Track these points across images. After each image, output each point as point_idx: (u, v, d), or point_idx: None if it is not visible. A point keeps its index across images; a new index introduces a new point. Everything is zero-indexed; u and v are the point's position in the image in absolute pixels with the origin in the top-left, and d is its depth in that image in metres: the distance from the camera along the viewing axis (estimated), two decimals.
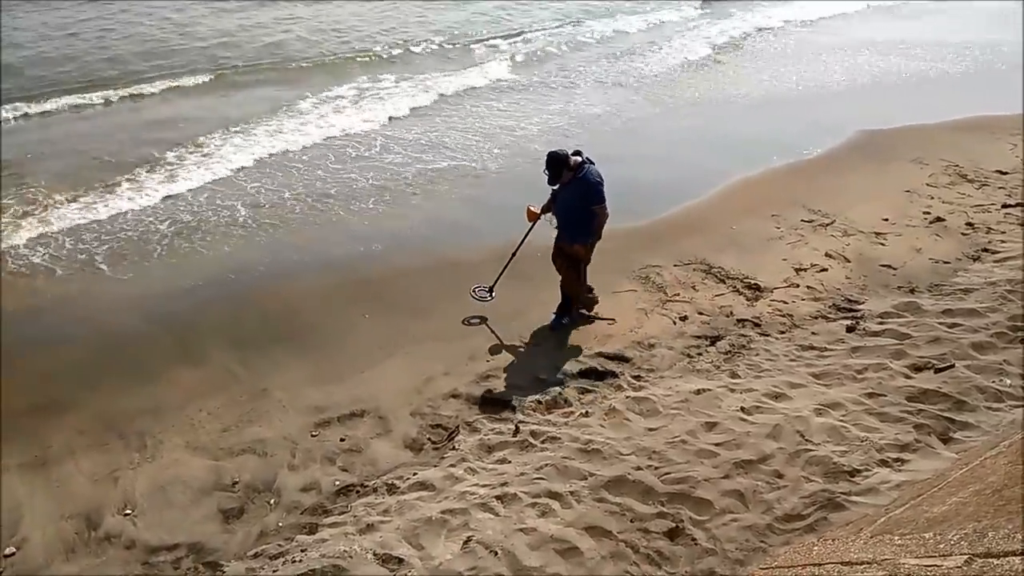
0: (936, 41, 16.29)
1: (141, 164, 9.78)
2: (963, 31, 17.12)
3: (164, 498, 4.83)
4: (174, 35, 15.98)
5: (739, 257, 7.57)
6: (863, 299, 6.69)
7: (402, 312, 6.78)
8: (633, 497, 4.32)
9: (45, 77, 12.93)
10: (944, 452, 4.40)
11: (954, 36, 16.65)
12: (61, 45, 14.76)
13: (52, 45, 14.72)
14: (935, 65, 14.67)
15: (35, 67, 13.46)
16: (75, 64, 13.76)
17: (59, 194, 8.83)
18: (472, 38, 16.94)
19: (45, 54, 14.23)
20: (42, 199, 8.70)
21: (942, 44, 16.00)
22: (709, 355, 6.04)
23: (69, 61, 13.92)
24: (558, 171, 6.15)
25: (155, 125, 11.29)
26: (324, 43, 16.00)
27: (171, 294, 7.00)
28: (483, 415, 5.49)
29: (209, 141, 10.56)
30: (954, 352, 5.43)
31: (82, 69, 13.52)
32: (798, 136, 10.74)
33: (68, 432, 5.36)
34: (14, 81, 12.68)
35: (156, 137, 10.72)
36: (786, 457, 4.50)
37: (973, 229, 7.84)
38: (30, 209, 8.46)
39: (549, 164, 6.15)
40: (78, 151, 10.22)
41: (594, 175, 6.13)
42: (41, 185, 9.04)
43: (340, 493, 4.81)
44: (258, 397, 5.75)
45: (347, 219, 8.48)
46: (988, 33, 16.64)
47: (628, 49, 16.38)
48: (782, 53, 16.09)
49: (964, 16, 18.80)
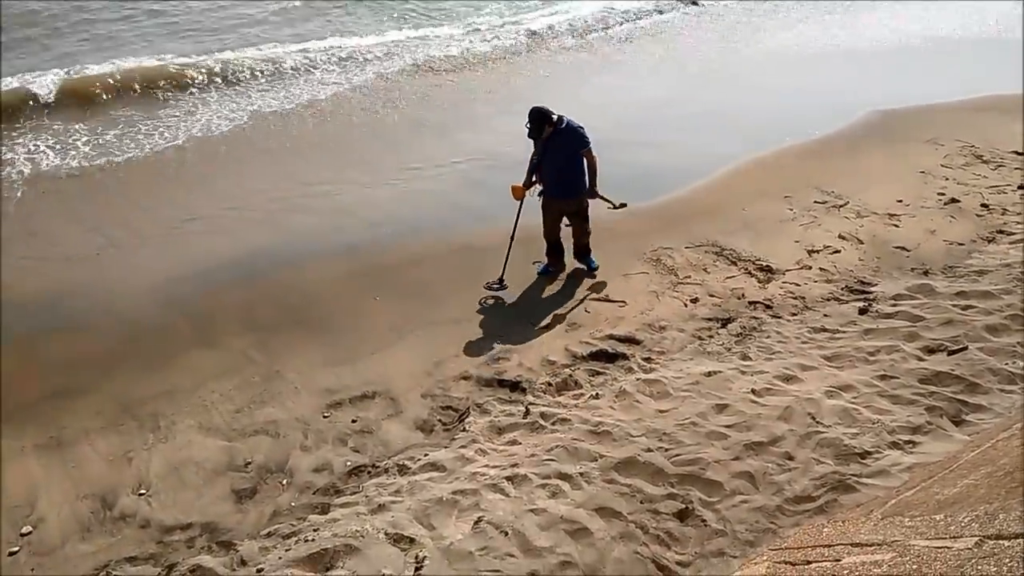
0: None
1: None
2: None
3: (178, 478, 4.88)
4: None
5: (751, 239, 7.53)
6: (876, 281, 6.64)
7: (413, 295, 6.79)
8: (643, 478, 4.32)
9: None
10: (956, 434, 4.39)
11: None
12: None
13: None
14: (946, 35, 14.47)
15: None
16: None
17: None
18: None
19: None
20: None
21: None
22: (720, 337, 6.02)
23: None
24: (541, 125, 6.40)
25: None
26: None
27: (186, 277, 7.03)
28: (493, 397, 5.50)
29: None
30: (967, 334, 5.39)
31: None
32: (808, 116, 10.63)
33: (84, 414, 5.41)
34: None
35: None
36: (797, 439, 4.49)
37: (988, 211, 7.76)
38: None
39: (533, 118, 6.39)
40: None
41: (575, 123, 6.44)
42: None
43: (352, 473, 4.85)
44: (271, 379, 5.78)
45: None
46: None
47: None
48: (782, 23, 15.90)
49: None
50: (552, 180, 6.64)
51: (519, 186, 6.67)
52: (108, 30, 14.18)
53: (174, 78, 11.84)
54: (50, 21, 14.47)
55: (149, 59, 12.45)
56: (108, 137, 10.07)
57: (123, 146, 9.85)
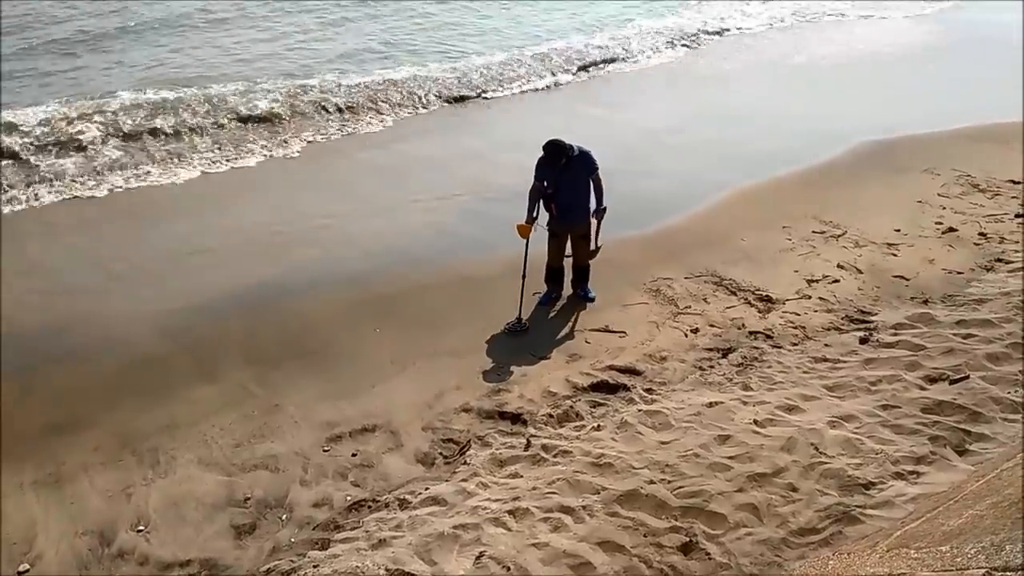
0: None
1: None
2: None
3: (177, 514, 4.84)
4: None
5: (750, 269, 7.55)
6: (876, 310, 6.65)
7: (414, 326, 6.79)
8: (646, 511, 4.29)
9: None
10: (960, 464, 4.36)
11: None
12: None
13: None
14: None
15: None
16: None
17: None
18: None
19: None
20: None
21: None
22: (721, 368, 6.01)
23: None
24: (559, 157, 6.55)
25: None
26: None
27: (187, 309, 7.03)
28: (495, 429, 5.48)
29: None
30: (969, 363, 5.38)
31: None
32: (798, 146, 10.64)
33: (83, 449, 5.38)
34: None
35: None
36: (800, 470, 4.46)
37: (986, 239, 7.79)
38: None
39: (552, 151, 6.54)
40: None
41: (584, 148, 6.66)
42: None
43: (352, 508, 4.81)
44: (271, 412, 5.76)
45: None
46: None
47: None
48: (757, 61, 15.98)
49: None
50: (566, 207, 6.72)
51: (525, 225, 6.70)
52: (88, 63, 14.20)
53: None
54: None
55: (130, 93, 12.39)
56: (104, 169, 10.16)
57: (113, 179, 9.94)
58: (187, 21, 16.79)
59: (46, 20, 16.31)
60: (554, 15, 18.84)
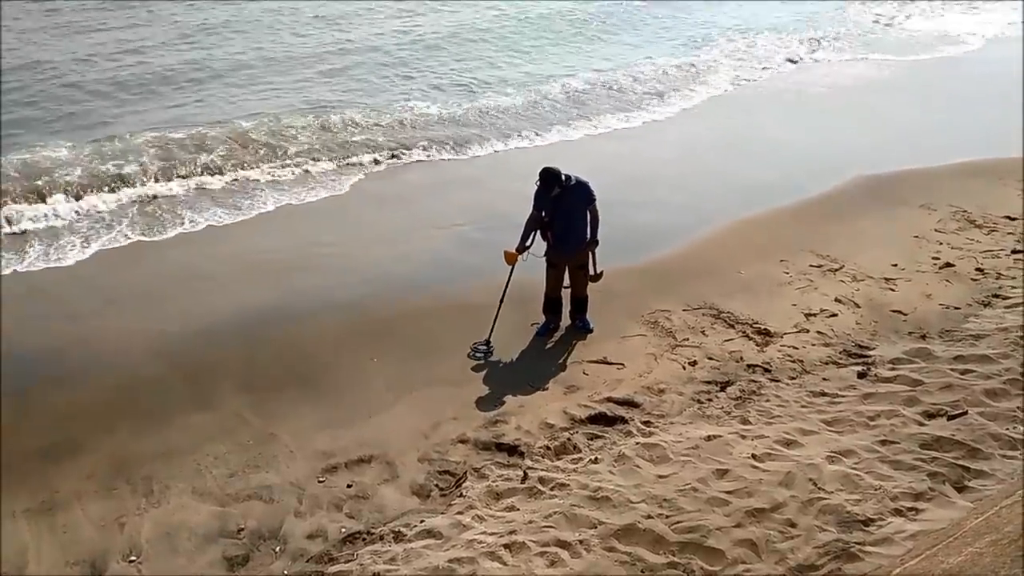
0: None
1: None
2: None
3: (169, 544, 4.79)
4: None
5: (748, 302, 7.57)
6: (874, 345, 6.65)
7: (411, 355, 6.78)
8: (643, 546, 4.25)
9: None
10: (959, 501, 4.33)
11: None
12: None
13: None
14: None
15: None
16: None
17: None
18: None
19: None
20: None
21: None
22: (719, 401, 6.00)
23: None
24: (553, 185, 6.58)
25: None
26: None
27: (184, 335, 7.02)
28: (491, 461, 5.45)
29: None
30: (967, 399, 5.37)
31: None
32: (794, 178, 10.66)
33: (76, 477, 5.35)
34: None
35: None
36: (799, 506, 4.44)
37: (983, 275, 7.82)
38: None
39: (547, 179, 6.57)
40: None
41: (582, 178, 6.69)
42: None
43: (346, 541, 4.77)
44: (266, 441, 5.73)
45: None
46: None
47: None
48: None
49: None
50: (562, 236, 6.75)
51: (512, 252, 6.75)
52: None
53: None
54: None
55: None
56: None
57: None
58: (206, 69, 16.38)
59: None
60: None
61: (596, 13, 20.41)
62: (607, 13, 20.45)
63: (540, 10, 20.24)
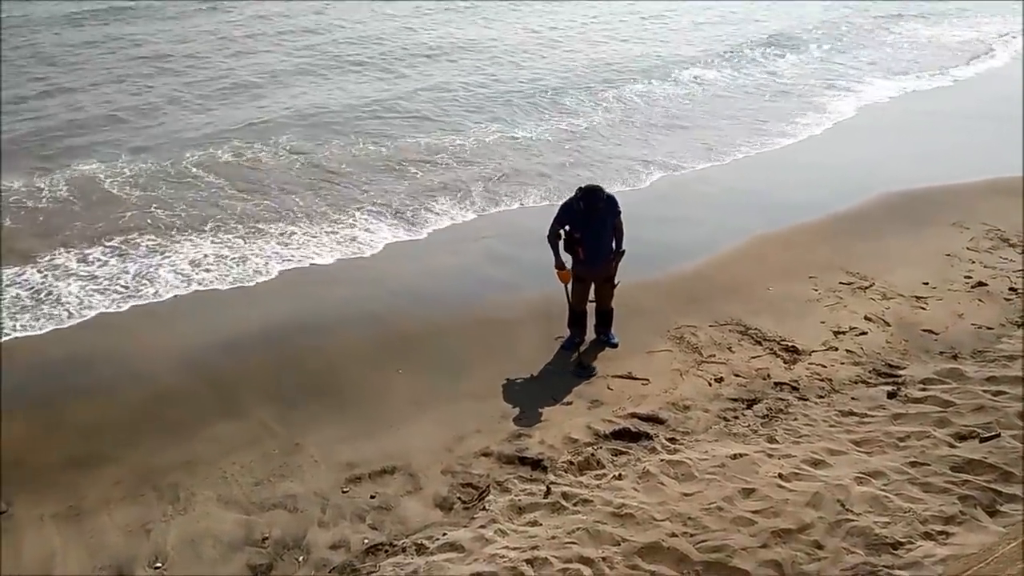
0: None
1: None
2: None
3: (194, 552, 4.84)
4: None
5: (776, 319, 7.49)
6: (904, 364, 6.55)
7: (436, 368, 6.80)
8: (667, 565, 4.21)
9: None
10: (991, 525, 4.25)
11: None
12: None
13: None
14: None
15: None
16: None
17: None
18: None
19: None
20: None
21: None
22: (746, 419, 5.94)
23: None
24: (598, 203, 6.55)
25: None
26: None
27: (211, 345, 7.10)
28: (514, 475, 5.43)
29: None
30: (999, 421, 5.26)
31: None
32: (821, 194, 10.54)
33: (104, 483, 5.42)
34: None
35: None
36: (826, 527, 4.37)
37: (1017, 295, 7.68)
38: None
39: (593, 197, 6.52)
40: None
41: (609, 192, 6.68)
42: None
43: (369, 552, 4.78)
44: (291, 451, 5.77)
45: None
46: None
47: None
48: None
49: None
50: (593, 251, 6.72)
51: (566, 271, 6.77)
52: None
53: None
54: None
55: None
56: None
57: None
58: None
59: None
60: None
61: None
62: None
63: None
